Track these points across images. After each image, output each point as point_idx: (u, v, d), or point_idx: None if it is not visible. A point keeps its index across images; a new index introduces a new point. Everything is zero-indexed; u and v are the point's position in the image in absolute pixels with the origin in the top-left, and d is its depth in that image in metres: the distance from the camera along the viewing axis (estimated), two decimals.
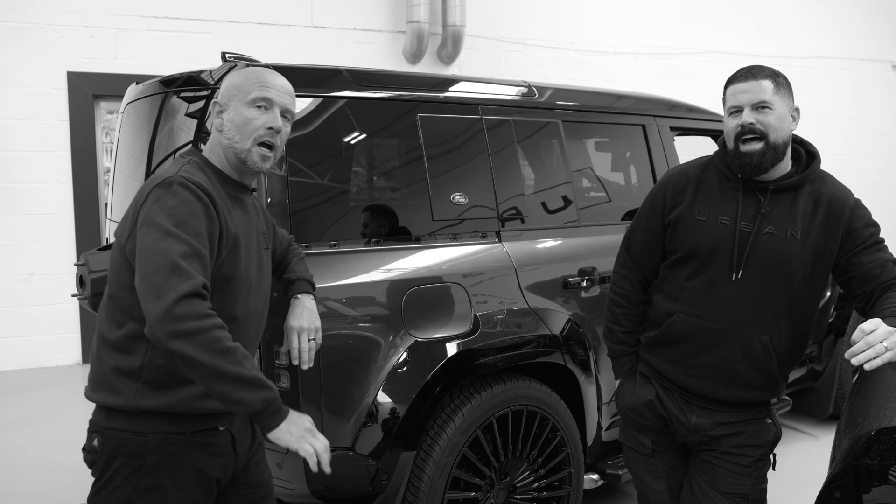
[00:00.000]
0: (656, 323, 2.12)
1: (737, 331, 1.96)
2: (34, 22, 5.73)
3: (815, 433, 4.27)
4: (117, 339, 1.68)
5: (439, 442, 2.46)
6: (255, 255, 1.82)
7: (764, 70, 1.94)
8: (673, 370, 2.08)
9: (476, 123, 2.80)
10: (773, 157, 1.91)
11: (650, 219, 2.15)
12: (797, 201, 1.95)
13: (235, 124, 1.74)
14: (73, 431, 4.49)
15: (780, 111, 1.91)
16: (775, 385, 2.02)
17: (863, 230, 1.93)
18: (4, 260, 5.77)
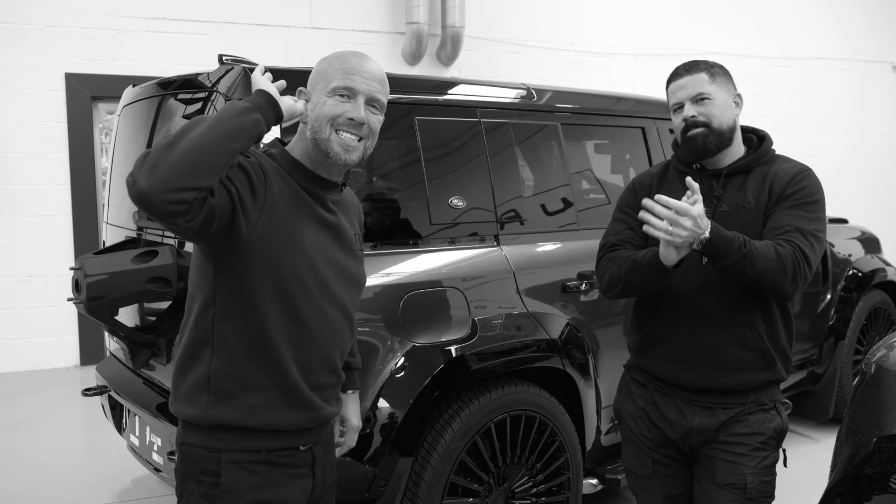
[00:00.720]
0: (642, 320, 2.13)
1: (719, 314, 1.96)
2: (32, 23, 5.71)
3: (815, 436, 4.25)
4: (184, 346, 1.61)
5: (437, 447, 2.44)
6: (332, 255, 1.66)
7: (698, 64, 2.04)
8: (666, 368, 2.05)
9: (475, 126, 2.79)
10: (718, 141, 1.98)
11: (625, 219, 2.15)
12: (748, 180, 2.01)
13: (316, 115, 1.62)
14: (71, 434, 4.48)
15: (720, 99, 1.99)
16: (773, 362, 1.99)
17: (795, 189, 1.95)
18: (2, 262, 5.76)
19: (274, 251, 1.54)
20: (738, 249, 1.76)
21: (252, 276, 1.54)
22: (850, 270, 4.21)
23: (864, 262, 4.31)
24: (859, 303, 4.21)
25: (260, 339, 1.56)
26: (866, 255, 4.38)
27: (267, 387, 1.57)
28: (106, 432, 4.07)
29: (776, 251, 1.80)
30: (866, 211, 8.64)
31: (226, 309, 1.56)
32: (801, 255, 1.82)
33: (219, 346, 1.56)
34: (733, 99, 2.04)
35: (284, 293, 1.56)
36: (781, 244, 1.83)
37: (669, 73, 2.08)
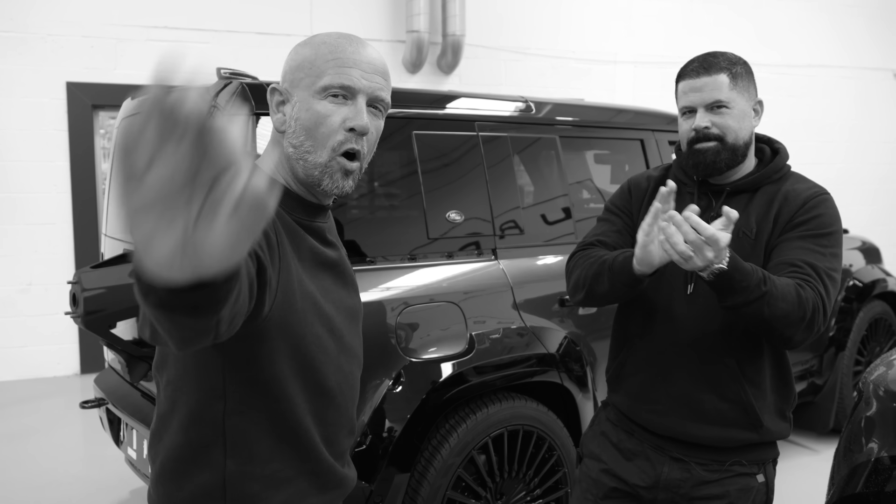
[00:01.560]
0: (617, 350, 1.88)
1: (697, 354, 1.69)
2: (33, 32, 5.72)
3: (815, 447, 4.23)
4: (176, 449, 1.22)
5: (434, 463, 2.44)
6: (340, 295, 1.32)
7: (719, 60, 1.69)
8: (637, 407, 1.79)
9: (472, 140, 2.79)
10: (730, 159, 1.69)
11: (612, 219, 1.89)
12: (754, 201, 1.71)
13: (303, 124, 1.18)
14: (70, 444, 4.47)
15: (739, 108, 1.68)
16: (756, 421, 1.68)
17: (808, 217, 1.66)
18: (2, 270, 5.76)
19: (295, 318, 1.17)
20: (758, 286, 1.46)
21: (275, 355, 1.17)
22: (851, 281, 4.20)
23: (864, 273, 4.30)
24: (860, 313, 4.20)
25: (287, 426, 1.22)
26: (867, 266, 4.37)
27: (295, 476, 1.24)
28: (104, 442, 4.06)
29: (798, 294, 1.50)
30: (867, 218, 8.63)
31: (241, 400, 1.19)
32: (820, 302, 1.53)
33: (233, 444, 1.20)
34: (753, 106, 1.72)
35: (309, 365, 1.22)
36: (802, 285, 1.53)
37: (683, 65, 1.76)
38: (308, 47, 1.21)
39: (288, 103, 1.21)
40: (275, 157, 1.24)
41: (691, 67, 1.72)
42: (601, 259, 1.68)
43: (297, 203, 1.24)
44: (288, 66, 1.23)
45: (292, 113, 1.20)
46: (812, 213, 1.65)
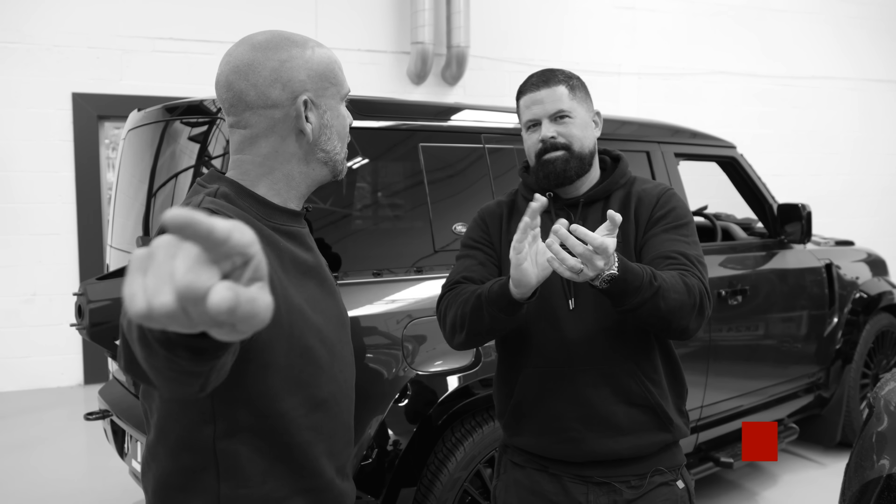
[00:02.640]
0: (508, 389, 1.78)
1: (596, 367, 1.66)
2: (39, 43, 5.75)
3: (822, 461, 4.21)
4: (166, 476, 1.20)
5: (440, 477, 2.42)
6: (327, 303, 1.31)
7: (556, 75, 1.73)
8: (548, 442, 1.71)
9: (478, 152, 2.79)
10: (578, 167, 1.71)
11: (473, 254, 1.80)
12: (609, 207, 1.72)
13: (337, 130, 1.27)
14: (73, 455, 4.46)
15: (581, 118, 1.72)
16: (666, 419, 1.69)
17: (665, 212, 1.69)
18: (7, 280, 5.77)
19: (281, 334, 1.16)
20: (650, 283, 1.44)
21: (263, 373, 1.15)
22: (857, 293, 4.18)
23: (871, 285, 4.28)
24: (866, 326, 4.18)
25: (281, 443, 1.20)
26: (873, 278, 4.35)
27: (290, 495, 1.22)
28: (108, 454, 4.05)
29: (684, 282, 1.51)
30: (871, 230, 8.61)
31: (232, 421, 1.16)
32: (703, 287, 1.55)
33: (226, 468, 1.17)
34: (592, 118, 1.77)
35: (300, 379, 1.20)
36: (685, 274, 1.55)
37: (521, 84, 1.78)
38: (318, 61, 1.24)
39: (315, 110, 1.24)
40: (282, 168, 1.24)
41: (531, 82, 1.75)
42: (475, 293, 1.59)
43: (277, 212, 1.24)
44: (309, 74, 1.23)
45: (322, 121, 1.25)
46: (667, 207, 1.69)
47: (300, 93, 1.22)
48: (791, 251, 3.87)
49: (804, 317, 3.86)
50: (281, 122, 1.22)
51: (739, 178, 3.89)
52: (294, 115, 1.22)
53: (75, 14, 5.83)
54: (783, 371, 3.78)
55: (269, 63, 1.20)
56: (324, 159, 1.26)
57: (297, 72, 1.22)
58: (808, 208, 3.77)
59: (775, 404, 3.73)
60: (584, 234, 1.34)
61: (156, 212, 2.77)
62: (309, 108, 1.23)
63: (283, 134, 1.23)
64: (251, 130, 1.22)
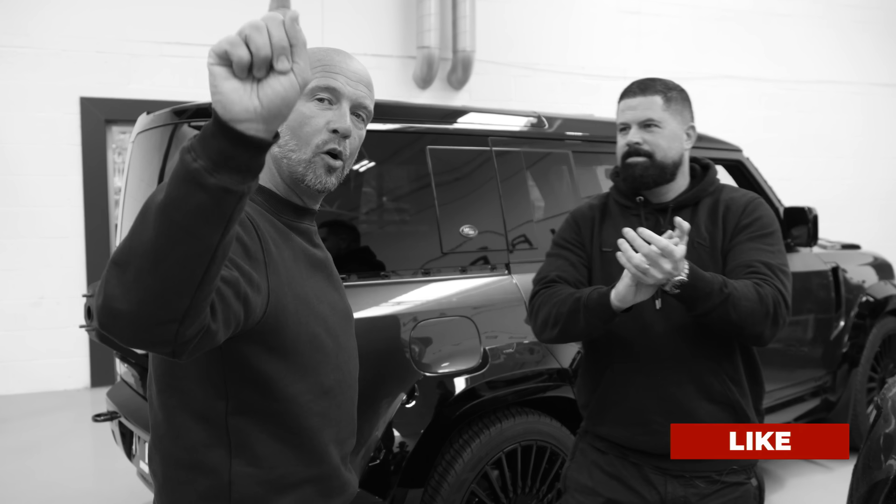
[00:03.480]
0: (594, 382, 1.89)
1: (681, 364, 1.76)
2: (47, 47, 5.79)
3: (829, 465, 4.20)
4: (179, 452, 1.21)
5: (447, 478, 2.43)
6: (333, 297, 1.34)
7: (655, 84, 1.84)
8: (631, 434, 1.81)
9: (485, 155, 2.80)
10: (657, 175, 1.80)
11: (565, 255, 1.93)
12: (697, 213, 1.84)
13: (289, 124, 1.23)
14: (80, 457, 4.47)
15: (670, 129, 1.81)
16: (744, 417, 1.79)
17: (751, 220, 1.79)
18: (15, 283, 5.79)
19: (287, 319, 1.18)
20: (720, 291, 1.56)
21: (272, 356, 1.18)
22: (864, 297, 4.18)
23: (877, 289, 4.28)
24: (873, 329, 4.18)
25: (289, 427, 1.22)
26: (880, 282, 4.35)
27: (300, 482, 1.24)
28: (115, 456, 4.06)
29: (757, 291, 1.61)
30: (876, 234, 8.59)
31: (243, 400, 1.18)
32: (780, 296, 1.64)
33: (238, 444, 1.19)
34: (685, 130, 1.85)
35: (308, 366, 1.23)
36: (760, 283, 1.64)
37: (624, 88, 1.91)
38: (315, 49, 1.28)
39: None
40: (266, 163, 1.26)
41: (630, 88, 1.87)
42: (573, 297, 1.73)
43: (283, 206, 1.27)
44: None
45: None
46: (754, 216, 1.79)
47: None
48: (797, 254, 3.87)
49: (810, 320, 3.86)
50: None
51: (746, 181, 3.90)
52: None
53: (83, 19, 5.86)
54: (789, 375, 3.78)
55: None
56: (278, 154, 1.24)
57: None
58: (815, 211, 3.76)
59: (782, 408, 3.73)
60: (649, 236, 1.47)
61: None
62: None
63: None
64: None
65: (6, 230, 5.77)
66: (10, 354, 5.81)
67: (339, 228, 2.46)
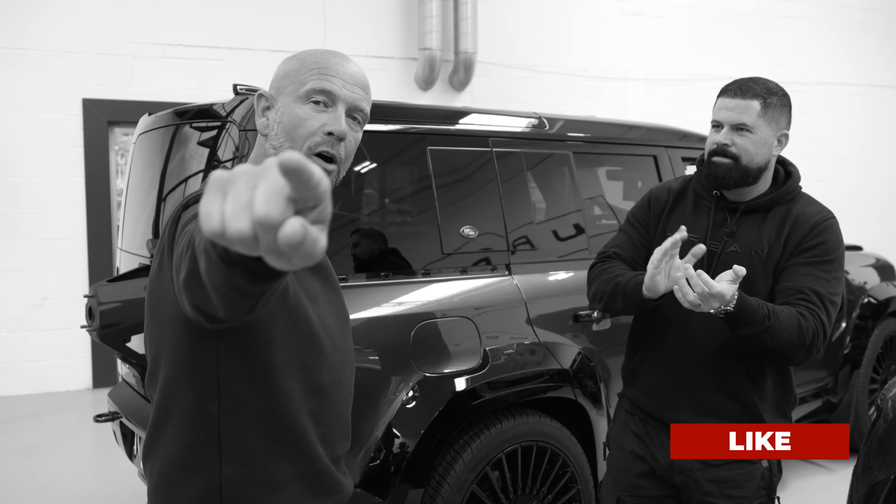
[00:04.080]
0: (634, 349, 2.07)
1: (708, 356, 1.86)
2: (50, 49, 5.80)
3: (831, 467, 4.19)
4: (171, 454, 1.23)
5: (448, 479, 2.43)
6: (330, 299, 1.37)
7: (757, 87, 1.84)
8: (652, 402, 1.98)
9: (486, 156, 2.80)
10: (740, 178, 1.84)
11: (630, 232, 2.05)
12: (766, 221, 1.87)
13: (283, 126, 1.24)
14: (82, 458, 4.48)
15: (761, 136, 1.83)
16: (758, 418, 1.87)
17: (815, 243, 1.81)
18: (17, 285, 5.80)
19: (288, 312, 1.21)
20: (762, 322, 1.65)
21: (269, 349, 1.20)
22: (866, 298, 4.17)
23: (879, 290, 4.27)
24: (875, 331, 4.17)
25: (281, 423, 1.24)
26: (882, 283, 4.34)
27: (291, 479, 1.26)
28: (116, 457, 4.06)
29: (799, 324, 1.68)
30: (878, 235, 8.58)
31: (237, 398, 1.21)
32: (820, 329, 1.71)
33: (228, 447, 1.22)
34: (777, 136, 1.86)
35: (302, 361, 1.25)
36: (804, 315, 1.70)
37: (724, 85, 1.91)
38: (295, 59, 1.28)
39: (272, 108, 1.27)
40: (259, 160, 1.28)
41: (731, 87, 1.87)
42: (616, 279, 1.86)
43: None
44: (276, 75, 1.29)
45: (275, 117, 1.26)
46: (819, 240, 1.80)
47: (263, 91, 1.28)
48: None
49: None
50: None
51: None
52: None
53: (86, 20, 5.87)
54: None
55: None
56: (272, 156, 1.22)
57: (274, 74, 1.29)
58: None
59: None
60: (706, 280, 1.55)
61: (166, 214, 2.80)
62: (266, 104, 1.28)
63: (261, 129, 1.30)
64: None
65: (8, 231, 5.78)
66: (12, 355, 5.81)
67: (339, 229, 2.46)
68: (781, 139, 1.88)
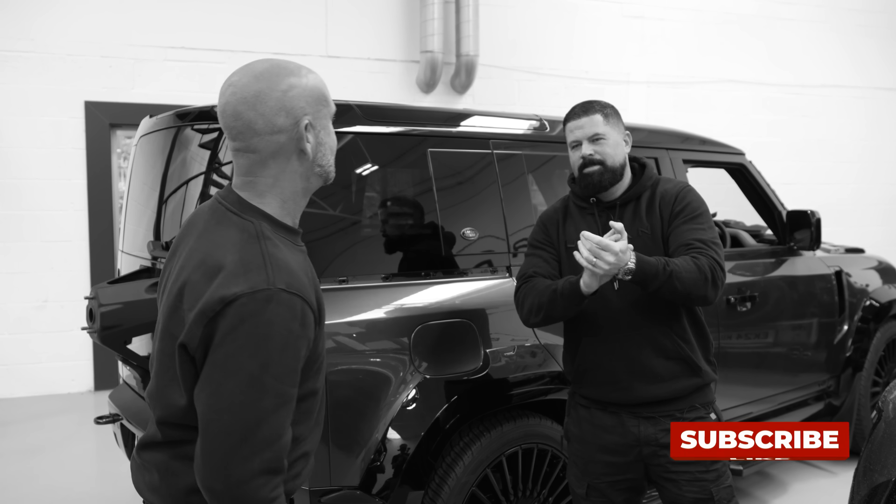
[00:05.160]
0: (572, 354, 2.28)
1: (638, 331, 2.15)
2: (53, 52, 5.81)
3: (833, 470, 4.18)
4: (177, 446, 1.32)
5: (448, 481, 2.43)
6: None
7: (594, 105, 2.23)
8: (606, 391, 2.20)
9: (487, 158, 2.80)
10: (611, 178, 2.19)
11: (539, 253, 2.28)
12: (640, 206, 2.21)
13: (329, 146, 1.41)
14: (84, 460, 4.48)
15: (613, 139, 2.20)
16: (697, 367, 2.16)
17: (682, 207, 2.15)
18: (19, 287, 5.81)
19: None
20: (664, 270, 1.95)
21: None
22: (868, 301, 4.17)
23: (881, 293, 4.27)
24: (877, 334, 4.16)
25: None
26: (884, 286, 4.34)
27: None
28: (118, 459, 4.06)
29: (695, 263, 1.99)
30: (881, 238, 8.57)
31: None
32: (714, 262, 2.03)
33: None
34: (623, 138, 2.24)
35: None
36: (696, 256, 2.02)
37: (567, 112, 2.27)
38: (311, 77, 1.38)
39: (312, 130, 1.37)
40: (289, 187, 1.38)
41: (574, 112, 2.26)
42: (550, 288, 2.11)
43: (282, 229, 1.38)
44: (306, 98, 1.36)
45: (321, 139, 1.39)
46: (684, 203, 2.16)
47: (301, 117, 1.34)
48: (800, 258, 3.86)
49: (814, 324, 3.85)
50: (286, 145, 1.34)
51: (748, 184, 3.89)
52: (297, 137, 1.35)
53: (88, 23, 5.89)
54: (793, 379, 3.77)
55: (274, 93, 1.32)
56: (320, 173, 1.40)
57: (298, 99, 1.34)
58: (818, 215, 3.76)
59: (785, 412, 3.72)
60: (588, 236, 1.89)
61: (167, 216, 2.80)
62: (308, 129, 1.36)
63: (287, 155, 1.35)
64: (259, 155, 1.34)
65: (10, 234, 5.80)
66: (14, 357, 5.82)
67: (340, 231, 2.46)
68: (626, 139, 2.25)
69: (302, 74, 1.36)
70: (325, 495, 2.26)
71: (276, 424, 1.21)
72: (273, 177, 1.36)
